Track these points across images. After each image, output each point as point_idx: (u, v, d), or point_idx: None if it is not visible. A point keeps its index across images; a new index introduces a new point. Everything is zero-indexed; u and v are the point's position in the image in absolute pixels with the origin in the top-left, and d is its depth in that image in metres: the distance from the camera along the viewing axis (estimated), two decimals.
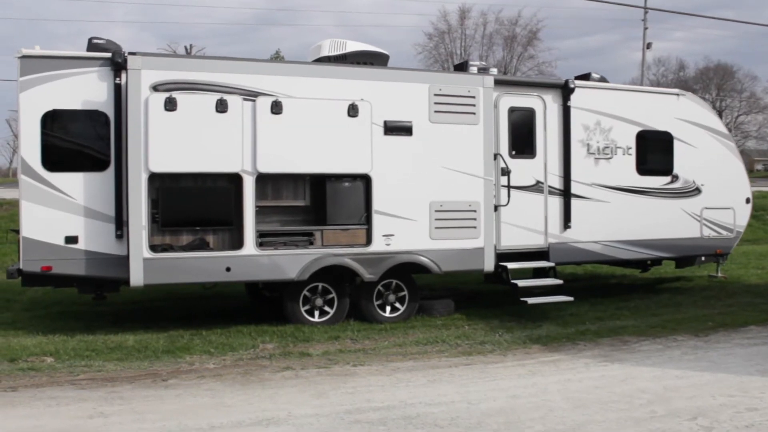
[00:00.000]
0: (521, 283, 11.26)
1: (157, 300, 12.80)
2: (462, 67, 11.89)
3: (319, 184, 10.43)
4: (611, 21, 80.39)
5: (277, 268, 9.93)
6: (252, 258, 9.78)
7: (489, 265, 11.11)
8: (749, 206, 13.87)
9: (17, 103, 9.29)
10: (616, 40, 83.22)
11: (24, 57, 9.31)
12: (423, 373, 8.10)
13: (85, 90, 9.44)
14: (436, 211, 10.79)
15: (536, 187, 11.70)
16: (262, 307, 11.99)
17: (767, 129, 69.57)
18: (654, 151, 12.90)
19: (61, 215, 9.35)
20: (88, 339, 9.54)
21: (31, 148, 9.29)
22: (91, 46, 9.82)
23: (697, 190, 13.15)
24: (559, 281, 11.61)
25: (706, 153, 13.22)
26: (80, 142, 9.62)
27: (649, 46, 47.13)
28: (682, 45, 79.61)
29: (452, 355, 9.05)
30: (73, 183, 9.42)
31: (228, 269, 9.68)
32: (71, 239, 9.39)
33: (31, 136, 9.28)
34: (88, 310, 11.65)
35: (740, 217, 13.67)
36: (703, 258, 13.63)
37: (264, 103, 9.79)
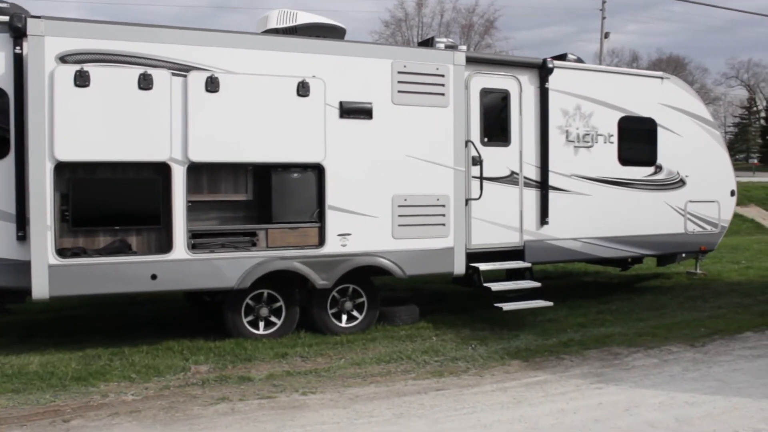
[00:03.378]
0: (495, 286, 9.97)
1: (81, 307, 11.16)
2: (427, 45, 10.48)
3: (263, 175, 8.95)
4: (567, 13, 79.78)
5: (213, 274, 8.42)
6: (183, 263, 8.26)
7: (459, 267, 9.77)
8: (734, 199, 12.86)
9: None
10: (572, 32, 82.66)
11: None
12: (387, 404, 6.71)
13: None
14: (400, 206, 9.39)
15: (510, 179, 10.43)
16: (201, 314, 10.49)
17: (716, 120, 70.20)
18: (637, 140, 11.76)
19: None
20: None
21: None
22: None
23: (682, 182, 12.04)
24: (537, 284, 10.32)
25: (691, 142, 12.12)
26: None
27: (607, 35, 46.49)
28: (636, 38, 79.50)
29: (420, 376, 7.69)
30: None
31: (154, 277, 8.14)
32: None
33: None
34: None
35: (725, 210, 12.64)
36: (683, 254, 12.58)
37: (197, 79, 8.26)
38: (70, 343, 8.74)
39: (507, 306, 9.81)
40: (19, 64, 7.84)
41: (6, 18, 7.79)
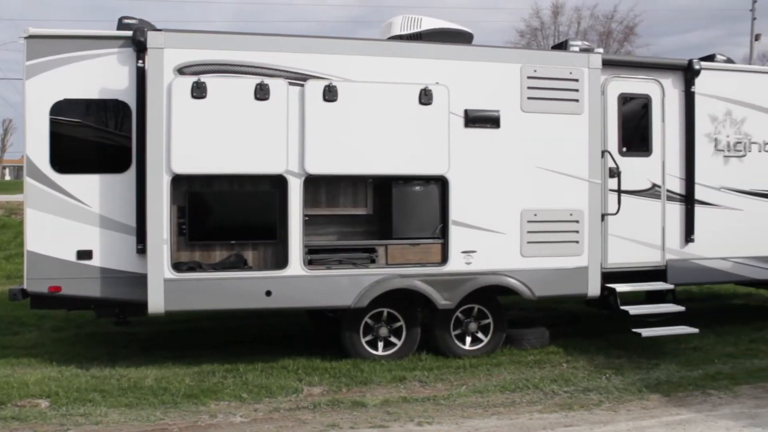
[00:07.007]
0: (633, 310, 9.10)
1: (205, 319, 11.15)
2: (560, 48, 9.78)
3: (383, 188, 8.56)
4: (714, 15, 75.15)
5: (329, 292, 8.10)
6: (298, 279, 7.99)
7: (594, 288, 8.99)
8: None
9: (22, 92, 7.83)
10: (719, 36, 77.62)
11: (31, 37, 7.81)
12: None
13: (102, 76, 7.88)
14: (529, 221, 8.74)
15: (652, 192, 9.52)
16: (323, 330, 10.18)
17: None
18: None
19: (72, 225, 7.82)
20: (103, 374, 7.95)
21: (37, 146, 7.79)
22: (122, 26, 8.24)
23: None
24: (681, 308, 9.37)
25: None
26: (96, 138, 8.08)
27: (758, 37, 43.45)
28: None
29: (548, 408, 7.02)
30: (87, 187, 7.87)
31: (268, 293, 7.91)
32: (84, 254, 7.85)
33: (37, 132, 7.79)
34: (122, 331, 10.06)
35: None
36: None
37: (314, 88, 7.98)
38: (188, 357, 8.65)
39: (646, 332, 8.92)
40: (141, 78, 7.86)
41: (129, 33, 7.83)
